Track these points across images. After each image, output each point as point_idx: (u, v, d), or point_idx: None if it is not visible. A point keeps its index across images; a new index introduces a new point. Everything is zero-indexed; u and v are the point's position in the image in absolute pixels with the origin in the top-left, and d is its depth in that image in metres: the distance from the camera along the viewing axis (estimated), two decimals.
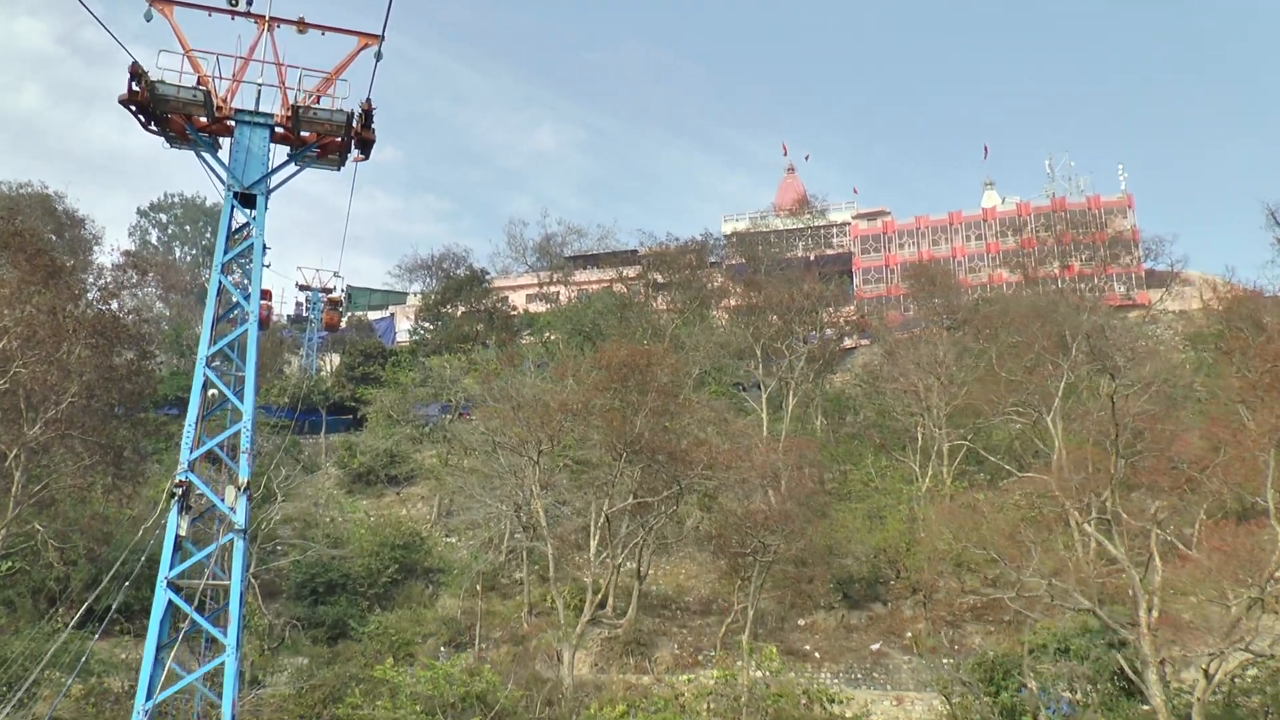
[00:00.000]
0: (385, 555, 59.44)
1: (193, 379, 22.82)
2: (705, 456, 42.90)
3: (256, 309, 23.01)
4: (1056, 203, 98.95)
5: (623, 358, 43.65)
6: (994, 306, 69.60)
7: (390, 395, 74.46)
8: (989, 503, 58.84)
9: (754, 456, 43.91)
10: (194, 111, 23.21)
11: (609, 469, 44.98)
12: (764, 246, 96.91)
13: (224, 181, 23.25)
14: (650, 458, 43.36)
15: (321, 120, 23.48)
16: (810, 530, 46.46)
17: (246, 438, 22.27)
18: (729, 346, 67.74)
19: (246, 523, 21.61)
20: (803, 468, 46.23)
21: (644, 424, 42.37)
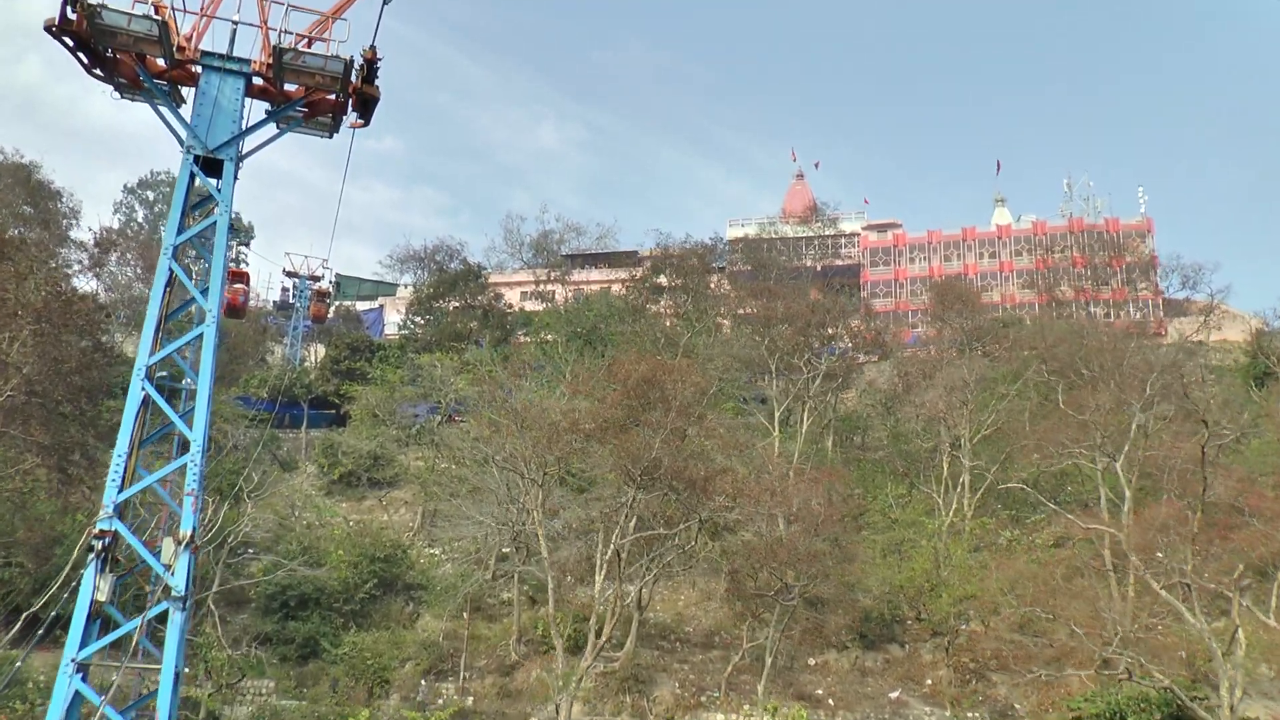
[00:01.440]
0: (364, 568, 53.99)
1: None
2: (729, 488, 37.51)
3: (217, 307, 17.56)
4: (1074, 223, 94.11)
5: (641, 373, 38.28)
6: (1023, 330, 64.35)
7: (376, 393, 68.81)
8: (1017, 543, 54.07)
9: (785, 490, 38.45)
10: (147, 50, 17.78)
11: (619, 494, 39.55)
12: (772, 253, 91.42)
13: (182, 142, 17.83)
14: (667, 485, 37.99)
15: (311, 70, 18.04)
16: (840, 570, 41.19)
17: (194, 474, 16.80)
18: (741, 358, 62.30)
19: (189, 589, 16.14)
20: (832, 501, 40.83)
21: (662, 448, 36.99)
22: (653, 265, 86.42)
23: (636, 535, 38.77)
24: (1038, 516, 55.51)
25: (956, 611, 48.81)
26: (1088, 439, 46.15)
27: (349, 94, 18.62)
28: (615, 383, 40.65)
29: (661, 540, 39.41)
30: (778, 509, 37.57)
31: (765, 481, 38.45)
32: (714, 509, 37.47)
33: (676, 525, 39.15)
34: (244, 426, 70.36)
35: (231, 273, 61.05)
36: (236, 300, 60.63)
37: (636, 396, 38.51)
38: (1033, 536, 54.27)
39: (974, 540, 52.94)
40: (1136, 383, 45.83)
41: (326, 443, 72.36)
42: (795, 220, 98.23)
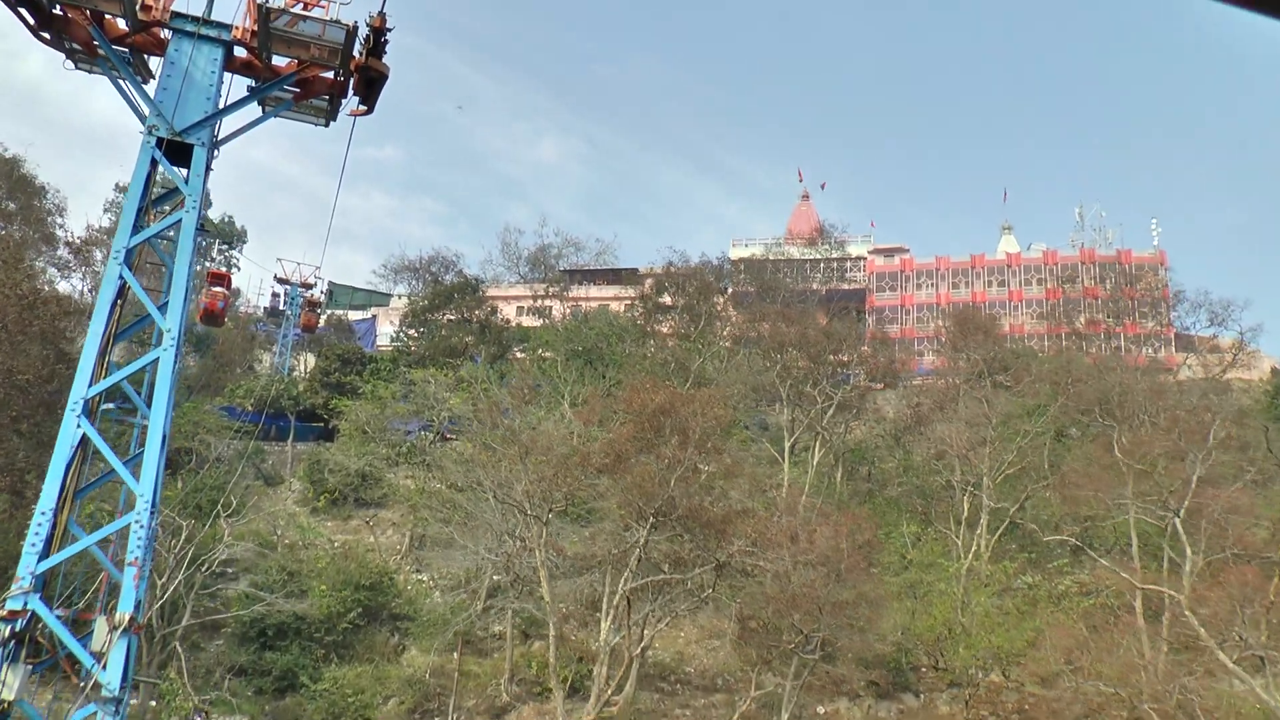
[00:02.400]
0: (348, 596, 50.23)
1: None
2: (752, 531, 33.80)
3: (179, 326, 13.95)
4: (1086, 253, 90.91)
5: (657, 403, 34.64)
6: (1047, 364, 60.82)
7: (367, 409, 64.94)
8: (1038, 589, 50.62)
9: (809, 535, 34.73)
10: (105, 8, 14.22)
11: (626, 530, 35.82)
12: (777, 275, 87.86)
13: (144, 120, 14.25)
14: (681, 526, 34.34)
15: (306, 39, 14.52)
16: (865, 620, 37.59)
17: (140, 538, 13.12)
18: (753, 385, 58.63)
19: (126, 685, 12.44)
20: (857, 546, 37.18)
21: (676, 485, 33.36)
22: (657, 284, 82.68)
23: (646, 579, 35.05)
24: (1060, 561, 52.10)
25: (978, 662, 45.32)
26: (1142, 488, 42.41)
27: (351, 71, 15.06)
28: (628, 412, 36.99)
29: (671, 584, 35.71)
30: (801, 556, 33.87)
31: (787, 525, 34.73)
32: (732, 553, 33.73)
33: (688, 568, 35.48)
34: (228, 439, 66.65)
35: (211, 275, 55.24)
36: (215, 306, 55.92)
37: (651, 428, 34.85)
38: (1054, 582, 50.83)
39: (994, 585, 49.40)
40: (1190, 427, 42.19)
41: (313, 458, 68.54)
42: (802, 241, 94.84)
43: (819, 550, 33.79)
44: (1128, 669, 43.80)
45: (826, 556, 34.48)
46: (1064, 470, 54.19)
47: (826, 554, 34.22)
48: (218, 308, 56.03)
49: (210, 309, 54.79)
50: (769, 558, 33.38)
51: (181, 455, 66.29)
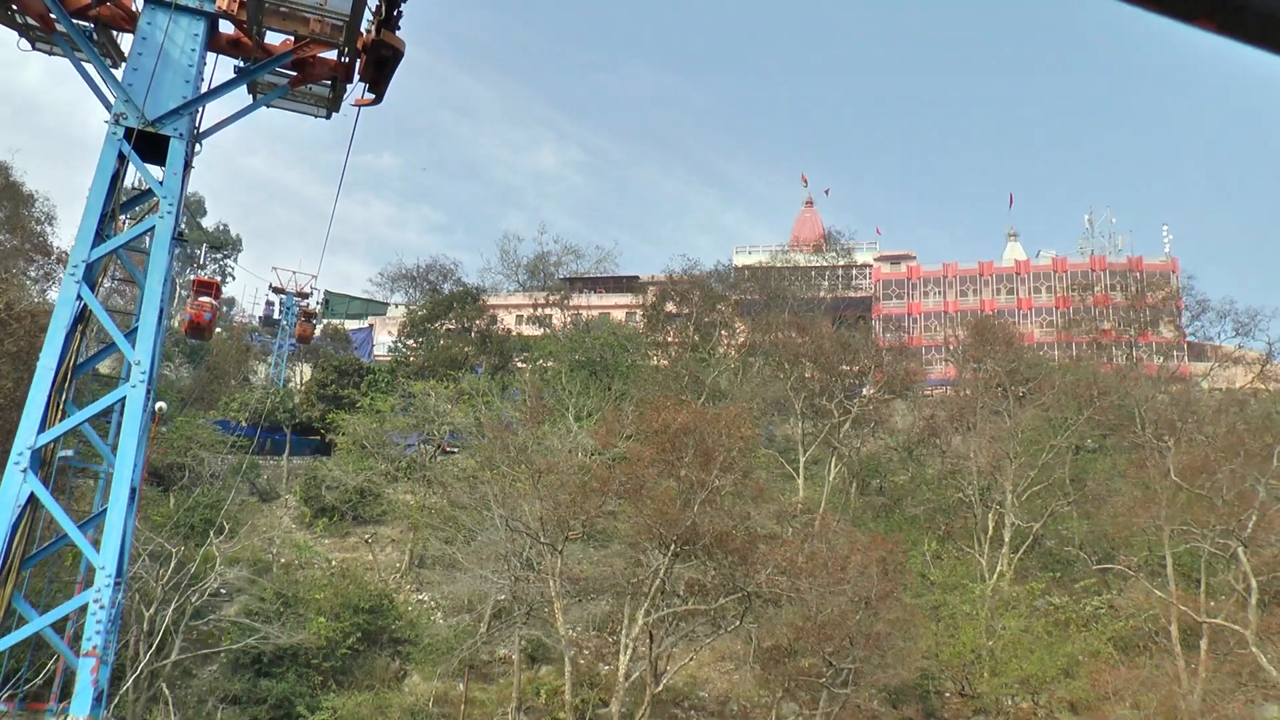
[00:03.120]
0: (346, 619, 47.60)
1: None
2: (784, 561, 31.14)
3: (151, 358, 11.40)
4: (1096, 261, 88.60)
5: (681, 422, 32.04)
6: (1070, 375, 58.28)
7: (365, 422, 62.26)
8: (1066, 611, 48.17)
9: (844, 564, 32.14)
10: None
11: (643, 555, 33.21)
12: (783, 283, 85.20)
13: (110, 108, 11.73)
14: (706, 554, 31.80)
15: (305, 10, 11.93)
16: (903, 653, 35.07)
17: (99, 621, 10.50)
18: (768, 399, 55.97)
19: None
20: (887, 572, 34.65)
21: (702, 512, 30.81)
22: (662, 293, 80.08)
23: (669, 610, 32.47)
24: (1088, 580, 49.65)
25: (1007, 689, 42.86)
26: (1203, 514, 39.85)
27: (358, 50, 12.50)
28: (647, 431, 34.34)
29: (693, 614, 33.12)
30: (834, 586, 31.32)
31: (818, 552, 32.14)
32: (760, 582, 31.14)
33: (712, 597, 32.89)
34: (222, 454, 64.06)
35: (197, 283, 48.79)
36: (201, 318, 49.79)
37: (670, 448, 32.29)
38: (1082, 604, 48.36)
39: (1021, 607, 46.93)
40: (1251, 448, 39.64)
41: (310, 473, 65.94)
42: (809, 248, 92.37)
43: (851, 578, 31.22)
44: (1167, 699, 41.49)
45: (858, 584, 31.92)
46: (1089, 487, 51.86)
47: (858, 581, 31.65)
48: (204, 320, 49.73)
49: (196, 321, 49.15)
50: (800, 587, 30.79)
51: (174, 472, 63.72)
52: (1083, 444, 58.79)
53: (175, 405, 72.69)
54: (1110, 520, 47.20)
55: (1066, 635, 44.82)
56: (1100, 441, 59.05)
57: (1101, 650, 43.08)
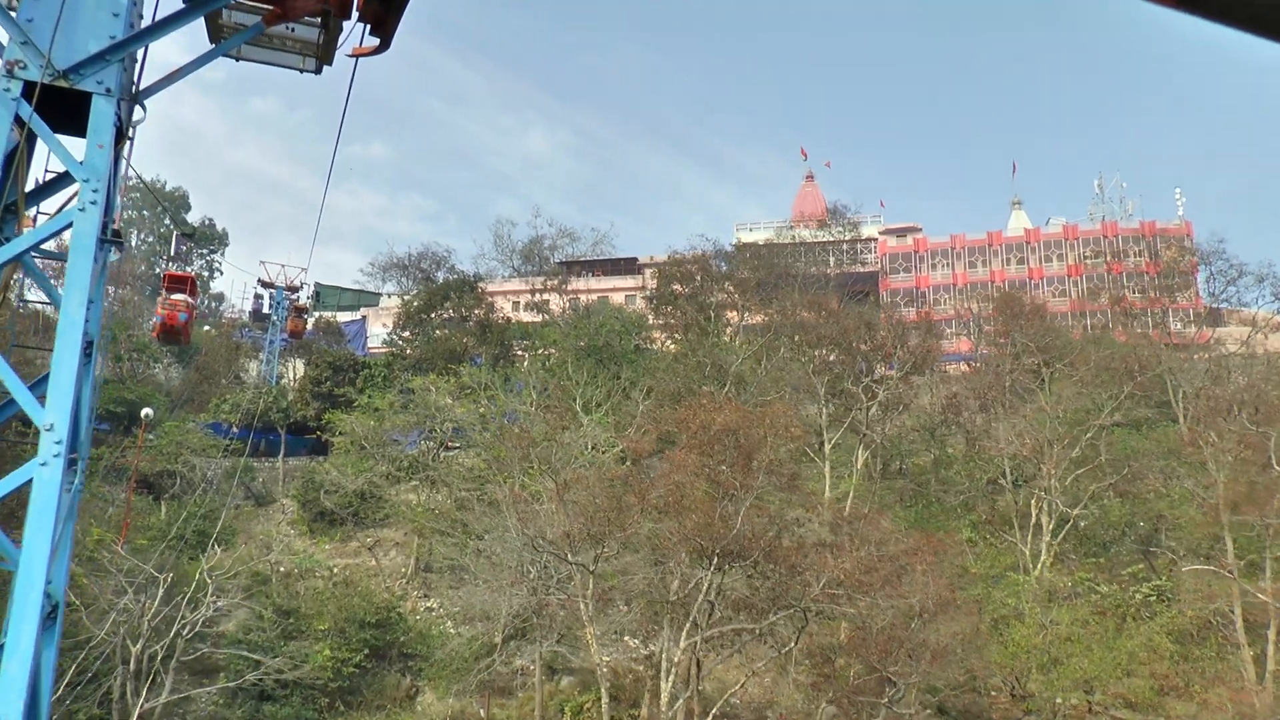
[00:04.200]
0: (353, 636, 44.09)
1: None
2: (841, 574, 27.50)
3: (75, 420, 7.73)
4: (1108, 227, 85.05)
5: (722, 423, 28.41)
6: (1104, 349, 54.68)
7: (363, 421, 58.46)
8: (1115, 599, 44.84)
9: (905, 575, 28.63)
10: None
11: (689, 571, 29.59)
12: (787, 260, 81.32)
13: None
14: (753, 565, 28.25)
15: None
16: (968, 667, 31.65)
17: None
18: (790, 384, 52.26)
19: None
20: (952, 586, 31.21)
21: (747, 520, 27.28)
22: (665, 275, 76.28)
23: (715, 630, 28.97)
24: (1135, 568, 46.33)
25: (1062, 688, 39.48)
26: None
27: None
28: (687, 433, 30.64)
29: (739, 632, 29.60)
30: (897, 599, 27.85)
31: (875, 563, 28.50)
32: (815, 597, 27.60)
33: (757, 611, 29.34)
34: (215, 458, 60.34)
35: (168, 278, 40.59)
36: (175, 319, 41.55)
37: (709, 451, 28.73)
38: (1129, 591, 45.01)
39: (1070, 599, 43.56)
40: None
41: (307, 475, 62.30)
42: (814, 224, 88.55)
43: (914, 590, 27.76)
44: (1237, 695, 38.29)
45: (920, 593, 28.44)
46: (1133, 466, 48.42)
47: (917, 589, 28.18)
48: (178, 322, 40.82)
49: (169, 324, 40.64)
50: (857, 600, 27.31)
51: (164, 480, 60.08)
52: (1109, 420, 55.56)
53: (164, 409, 68.91)
54: (1167, 505, 43.82)
55: (1121, 628, 41.41)
56: (1127, 415, 55.62)
57: (1160, 643, 39.72)
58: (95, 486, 58.19)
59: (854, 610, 27.55)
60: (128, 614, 32.11)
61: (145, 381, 75.07)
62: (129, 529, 51.57)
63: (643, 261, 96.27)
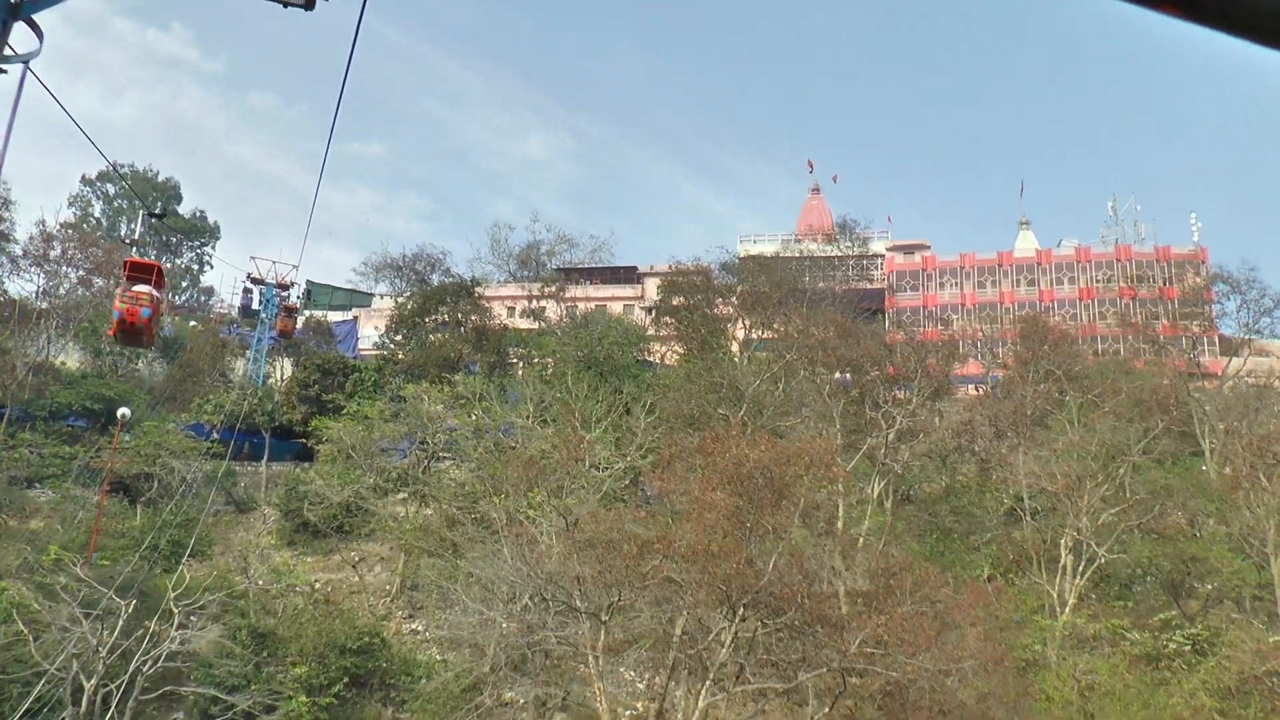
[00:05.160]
0: (332, 664, 40.60)
1: None
2: (886, 633, 24.03)
3: None
4: (1121, 250, 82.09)
5: (756, 459, 25.01)
6: (1138, 379, 51.54)
7: (351, 428, 54.96)
8: (1142, 648, 41.64)
9: (963, 640, 25.34)
10: None
11: (707, 619, 26.23)
12: (797, 275, 77.98)
13: None
14: (774, 614, 24.89)
15: None
16: None
17: None
18: (798, 402, 48.97)
19: None
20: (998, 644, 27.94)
21: (777, 568, 23.98)
22: (669, 286, 73.00)
23: (739, 689, 25.64)
24: (1168, 614, 43.14)
25: None
26: None
27: None
28: (713, 471, 27.20)
29: (764, 692, 26.24)
30: (950, 662, 24.56)
31: (923, 625, 25.14)
32: (850, 654, 24.28)
33: (781, 666, 25.99)
34: (194, 462, 56.81)
35: (130, 265, 33.12)
36: (135, 315, 32.40)
37: (742, 490, 25.41)
38: (1161, 638, 41.83)
39: (1102, 646, 40.38)
40: None
41: (290, 481, 58.77)
42: (823, 237, 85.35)
43: (966, 652, 24.49)
44: None
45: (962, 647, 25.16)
46: (1166, 504, 45.33)
47: (961, 645, 24.90)
48: (139, 319, 31.78)
49: (128, 320, 31.98)
50: (905, 666, 24.01)
51: (141, 482, 56.57)
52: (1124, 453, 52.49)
53: (144, 407, 65.41)
54: (1200, 546, 40.72)
55: (1158, 680, 38.23)
56: (1149, 448, 52.57)
57: (1202, 701, 36.51)
58: (67, 489, 54.82)
59: (896, 674, 24.21)
60: (84, 645, 28.59)
61: (126, 377, 71.57)
62: (100, 535, 48.15)
63: (642, 271, 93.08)
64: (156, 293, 32.22)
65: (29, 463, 55.30)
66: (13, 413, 58.96)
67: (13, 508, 50.82)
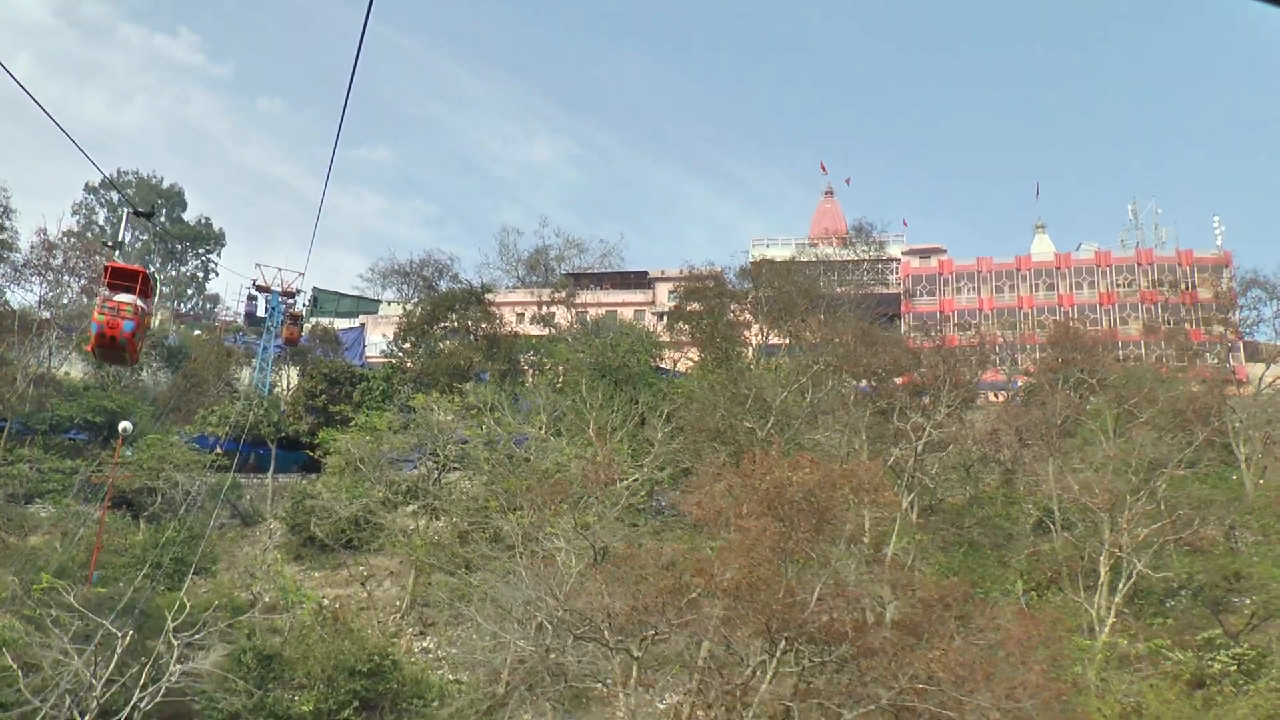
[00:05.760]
0: (341, 687, 38.72)
1: None
2: (942, 670, 22.06)
3: None
4: (1143, 254, 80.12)
5: (804, 483, 23.10)
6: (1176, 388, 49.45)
7: (360, 439, 53.05)
8: (1187, 668, 39.66)
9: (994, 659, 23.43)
10: None
11: (744, 651, 24.25)
12: (813, 279, 75.85)
13: None
14: (815, 645, 22.94)
15: None
16: None
17: None
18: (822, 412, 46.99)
19: None
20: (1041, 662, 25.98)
21: (821, 597, 22.09)
22: (686, 290, 71.10)
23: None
24: (1211, 632, 41.14)
25: None
26: None
27: None
28: (754, 497, 25.20)
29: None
30: (1008, 699, 22.60)
31: (981, 661, 23.17)
32: (901, 690, 22.35)
33: (828, 700, 24.02)
34: (199, 476, 54.99)
35: (111, 271, 28.21)
36: (116, 328, 27.04)
37: (783, 515, 23.49)
38: (1205, 658, 39.85)
39: (1143, 666, 38.38)
40: None
41: (297, 494, 56.96)
42: (838, 241, 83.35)
43: (1026, 685, 22.51)
44: None
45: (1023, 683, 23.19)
46: (1202, 517, 43.29)
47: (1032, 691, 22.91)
48: (120, 333, 26.78)
49: (108, 334, 26.82)
50: (965, 706, 22.04)
51: (144, 497, 54.79)
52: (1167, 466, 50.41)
53: (147, 419, 63.64)
54: (1243, 561, 38.75)
55: (1206, 701, 36.25)
56: (1192, 460, 50.49)
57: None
58: (67, 504, 53.10)
59: (954, 715, 22.25)
60: (78, 681, 26.71)
61: (129, 388, 69.80)
62: (101, 551, 46.42)
63: (654, 275, 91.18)
64: (142, 303, 27.27)
65: (27, 479, 53.56)
66: (13, 426, 57.29)
67: (11, 525, 49.05)
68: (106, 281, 28.33)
